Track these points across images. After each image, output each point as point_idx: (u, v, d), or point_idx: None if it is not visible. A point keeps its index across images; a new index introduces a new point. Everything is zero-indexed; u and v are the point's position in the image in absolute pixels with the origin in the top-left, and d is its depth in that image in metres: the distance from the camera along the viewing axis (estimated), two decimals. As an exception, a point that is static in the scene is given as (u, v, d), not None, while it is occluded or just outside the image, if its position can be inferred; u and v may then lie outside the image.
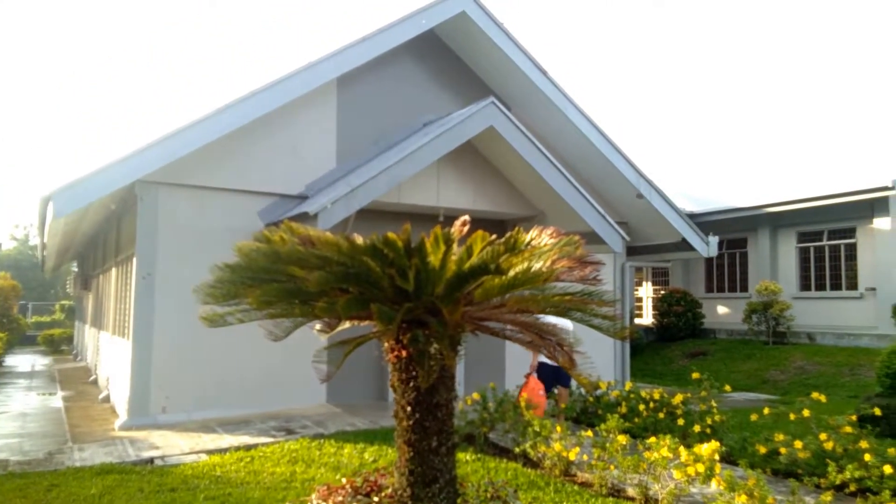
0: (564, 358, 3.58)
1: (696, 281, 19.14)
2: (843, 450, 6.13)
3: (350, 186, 8.43)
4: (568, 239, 3.82)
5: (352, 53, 9.81)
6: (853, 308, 15.26)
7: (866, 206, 14.85)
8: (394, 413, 3.87)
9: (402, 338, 3.67)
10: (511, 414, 7.50)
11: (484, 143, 9.90)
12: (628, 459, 5.77)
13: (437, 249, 3.34)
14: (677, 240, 12.58)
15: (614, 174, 11.97)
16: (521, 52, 11.07)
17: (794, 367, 14.11)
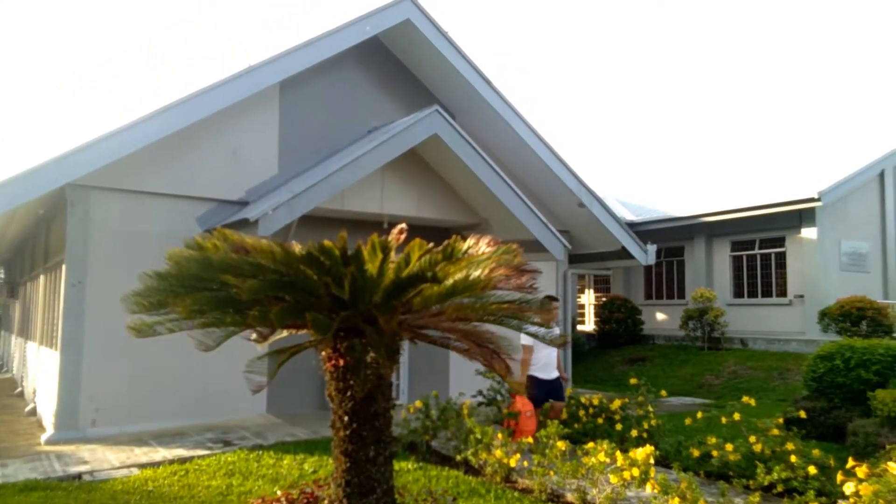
0: (500, 366, 3.60)
1: (636, 288, 19.61)
2: (772, 452, 6.35)
3: (292, 193, 8.31)
4: (506, 247, 3.86)
5: (294, 58, 9.70)
6: (783, 314, 15.90)
7: (795, 217, 15.52)
8: (331, 423, 3.82)
9: (340, 346, 3.63)
10: (454, 421, 7.51)
11: (428, 150, 9.92)
12: (567, 465, 5.85)
13: (374, 257, 3.32)
14: (617, 248, 12.87)
15: (557, 183, 12.18)
16: (466, 62, 11.17)
17: (727, 372, 14.57)
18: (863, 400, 8.11)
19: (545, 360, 7.91)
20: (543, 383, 7.87)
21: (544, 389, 7.87)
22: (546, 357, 7.90)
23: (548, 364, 7.95)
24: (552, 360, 8.02)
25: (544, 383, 7.89)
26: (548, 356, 7.92)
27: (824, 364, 9.00)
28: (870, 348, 8.77)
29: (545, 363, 7.92)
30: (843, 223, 15.85)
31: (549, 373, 7.96)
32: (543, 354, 7.84)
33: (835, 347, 9.06)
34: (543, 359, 7.87)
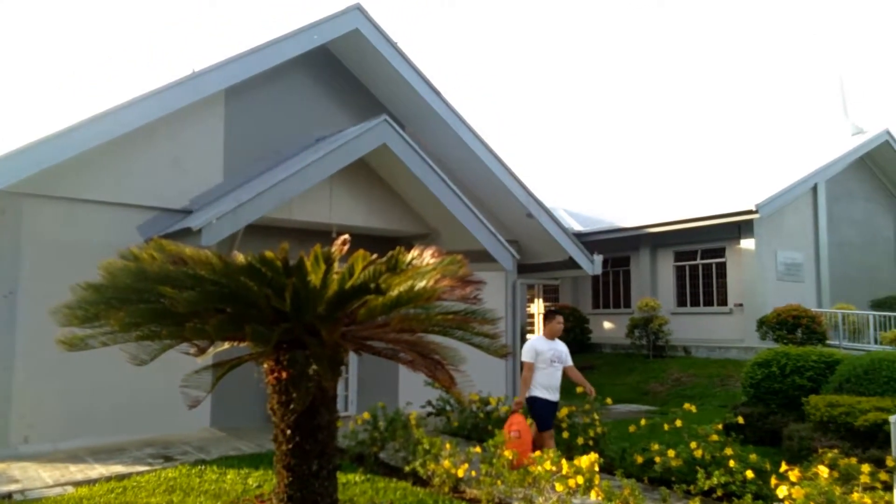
0: (444, 377, 3.60)
1: (584, 298, 19.93)
2: (712, 457, 6.51)
3: (237, 202, 8.16)
4: (451, 258, 3.88)
5: (239, 65, 9.56)
6: (723, 322, 16.40)
7: (734, 228, 16.05)
8: (273, 437, 3.74)
9: (282, 359, 3.58)
10: (402, 432, 7.47)
11: (377, 160, 9.90)
12: (514, 474, 5.88)
13: (317, 269, 3.29)
14: (565, 258, 13.06)
15: (505, 194, 12.29)
16: (415, 72, 11.20)
17: (671, 379, 14.91)
18: (797, 405, 8.40)
19: (547, 379, 7.23)
20: (547, 405, 7.21)
21: (549, 411, 7.23)
22: (548, 377, 7.24)
23: (551, 385, 7.24)
24: (556, 381, 7.32)
25: (548, 405, 7.22)
26: (550, 376, 7.24)
27: (761, 371, 9.30)
28: (803, 355, 9.11)
29: (548, 384, 7.23)
30: (779, 234, 16.47)
31: (553, 394, 7.28)
32: (546, 374, 7.21)
33: (771, 354, 9.38)
34: (546, 378, 7.22)
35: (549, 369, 7.23)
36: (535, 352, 7.24)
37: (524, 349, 7.34)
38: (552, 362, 7.26)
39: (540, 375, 7.19)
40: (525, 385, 7.20)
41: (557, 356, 7.33)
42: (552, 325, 7.52)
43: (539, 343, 7.37)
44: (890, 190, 19.66)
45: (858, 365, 8.32)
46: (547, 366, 7.22)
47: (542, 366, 7.20)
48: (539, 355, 7.22)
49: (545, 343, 7.36)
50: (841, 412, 7.19)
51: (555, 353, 7.31)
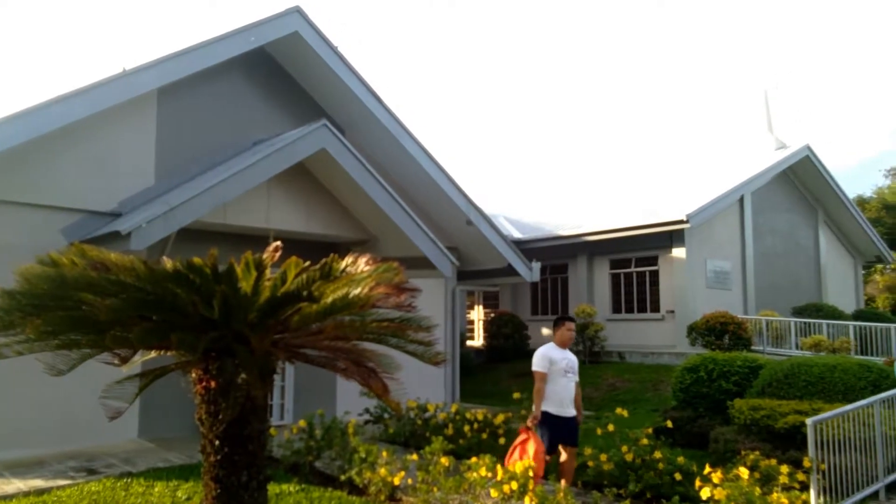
0: (377, 385, 3.59)
1: (523, 304, 20.18)
2: (642, 460, 6.69)
3: (169, 205, 7.93)
4: (386, 266, 3.86)
5: (174, 65, 9.30)
6: (656, 329, 16.88)
7: (666, 238, 16.56)
8: (200, 448, 3.64)
9: (211, 367, 3.49)
10: (338, 441, 7.39)
11: (317, 165, 9.79)
12: (450, 481, 5.90)
13: (248, 275, 3.22)
14: (504, 265, 13.21)
15: (446, 201, 12.36)
16: (356, 77, 11.15)
17: (606, 385, 15.23)
18: (724, 409, 8.70)
19: (560, 393, 6.49)
20: (558, 422, 6.39)
21: (559, 430, 6.40)
22: (562, 390, 6.50)
23: (563, 399, 6.50)
24: (569, 394, 6.56)
25: (559, 422, 6.40)
26: (564, 388, 6.51)
27: (690, 376, 9.62)
28: (729, 360, 9.47)
29: (561, 397, 6.49)
30: (708, 244, 17.09)
31: (566, 409, 6.51)
32: (559, 386, 6.49)
33: (699, 360, 9.71)
34: (559, 392, 6.48)
35: (562, 381, 6.50)
36: (549, 361, 6.54)
37: (536, 358, 6.61)
38: (566, 373, 6.55)
39: (552, 388, 6.46)
40: (539, 398, 6.43)
41: (571, 367, 6.66)
42: (562, 332, 6.74)
43: (553, 351, 6.63)
44: (810, 202, 20.69)
45: (779, 370, 8.70)
46: (560, 377, 6.50)
47: (554, 377, 6.48)
48: (553, 365, 6.51)
49: (558, 352, 6.65)
50: (763, 415, 7.50)
51: (568, 363, 6.64)
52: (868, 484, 6.64)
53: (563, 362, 6.56)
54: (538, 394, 6.45)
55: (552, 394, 6.44)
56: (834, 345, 14.28)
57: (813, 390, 8.23)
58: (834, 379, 8.20)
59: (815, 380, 8.31)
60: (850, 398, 7.59)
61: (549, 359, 6.54)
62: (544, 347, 6.68)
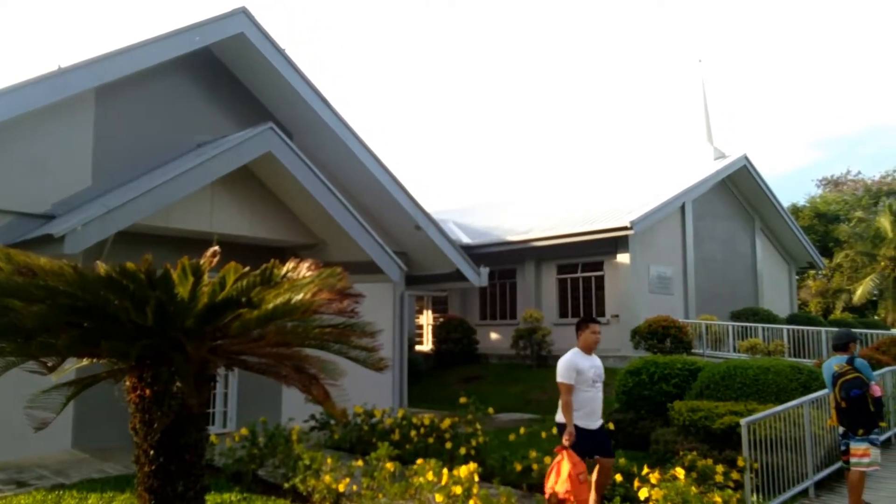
0: (319, 392, 3.55)
1: (472, 309, 20.28)
2: (584, 462, 6.80)
3: (106, 207, 7.68)
4: (330, 271, 3.83)
5: (112, 64, 9.01)
6: (602, 333, 17.15)
7: (611, 244, 16.91)
8: (134, 458, 3.54)
9: (145, 375, 3.39)
10: (282, 448, 7.28)
11: (263, 168, 9.65)
12: (396, 486, 5.89)
13: (185, 281, 3.15)
14: (453, 270, 13.25)
15: (394, 206, 12.33)
16: (304, 81, 11.04)
17: (553, 388, 15.34)
18: (665, 410, 8.94)
19: (589, 404, 5.87)
20: (586, 435, 5.74)
21: (587, 443, 5.73)
22: (590, 401, 5.87)
23: (592, 410, 5.89)
24: (597, 405, 5.98)
25: (587, 435, 5.76)
26: (592, 399, 5.89)
27: (633, 378, 9.84)
28: (670, 363, 9.72)
29: (589, 409, 5.86)
30: (651, 250, 17.53)
31: (593, 421, 5.90)
32: (587, 397, 5.85)
33: (641, 363, 9.95)
34: (587, 403, 5.85)
35: (590, 391, 5.85)
36: (576, 370, 5.81)
37: (561, 368, 5.88)
38: (594, 382, 5.90)
39: (579, 399, 5.78)
40: (568, 411, 5.70)
41: (599, 375, 6.02)
42: (586, 336, 6.06)
43: (579, 359, 5.92)
44: (748, 210, 21.44)
45: (717, 372, 8.99)
46: (588, 387, 5.83)
47: (582, 387, 5.79)
48: (580, 374, 5.81)
49: (585, 359, 5.96)
50: (701, 416, 7.73)
51: (596, 371, 5.99)
52: (799, 481, 6.92)
53: (591, 371, 5.89)
54: (567, 407, 5.70)
55: (579, 405, 5.76)
56: (769, 347, 14.83)
57: (748, 392, 8.53)
58: (767, 381, 8.52)
59: (750, 382, 8.62)
60: (783, 399, 7.89)
61: (576, 368, 5.81)
62: (570, 355, 5.95)
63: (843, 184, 43.61)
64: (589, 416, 5.81)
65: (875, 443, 6.31)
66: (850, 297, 34.03)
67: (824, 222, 39.14)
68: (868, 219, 35.69)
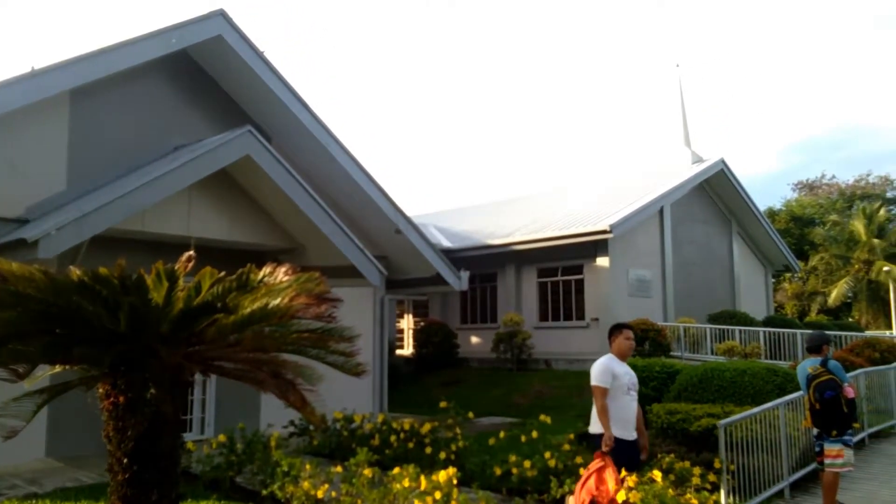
0: (295, 398, 3.53)
1: (453, 313, 20.28)
2: (564, 465, 6.83)
3: (81, 211, 7.57)
4: (308, 276, 3.81)
5: (88, 65, 8.89)
6: (581, 336, 17.27)
7: (591, 247, 17.02)
8: (108, 466, 3.48)
9: (119, 382, 3.34)
10: (260, 455, 7.22)
11: (241, 172, 9.57)
12: (375, 492, 5.85)
13: (159, 286, 3.11)
14: (433, 274, 13.24)
15: (374, 210, 12.30)
16: (282, 83, 10.98)
17: (534, 392, 15.46)
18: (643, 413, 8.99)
19: (625, 412, 5.46)
20: (623, 446, 5.33)
21: (623, 454, 5.30)
22: (625, 409, 5.48)
23: (627, 419, 5.47)
24: (632, 415, 5.55)
25: (625, 447, 5.35)
26: (627, 408, 5.49)
27: (612, 382, 9.88)
28: (649, 366, 9.80)
29: (625, 418, 5.46)
30: (630, 253, 17.67)
31: (629, 431, 5.47)
32: (622, 405, 5.46)
33: (620, 366, 9.99)
34: (622, 411, 5.45)
35: (624, 399, 5.48)
36: (612, 375, 5.48)
37: (596, 371, 5.55)
38: (629, 390, 5.57)
39: (615, 406, 5.40)
40: (605, 416, 5.32)
41: (634, 383, 5.68)
42: (620, 342, 5.72)
43: (615, 364, 5.59)
44: (725, 214, 21.70)
45: (694, 375, 9.07)
46: (623, 394, 5.48)
47: (617, 394, 5.45)
48: (615, 380, 5.48)
49: (620, 365, 5.63)
50: (679, 419, 7.80)
51: (631, 378, 5.65)
52: (774, 483, 6.99)
53: (625, 377, 5.56)
54: (604, 412, 5.33)
55: (614, 414, 5.38)
56: (745, 350, 15.00)
57: (725, 394, 8.62)
58: (744, 383, 8.61)
59: (727, 384, 8.71)
60: (759, 401, 7.98)
61: (612, 373, 5.46)
62: (605, 359, 5.62)
63: (818, 187, 44.36)
64: (625, 426, 5.41)
65: (849, 444, 6.40)
66: (826, 299, 34.64)
67: (800, 225, 39.76)
68: (842, 222, 36.37)
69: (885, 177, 41.60)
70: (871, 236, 33.50)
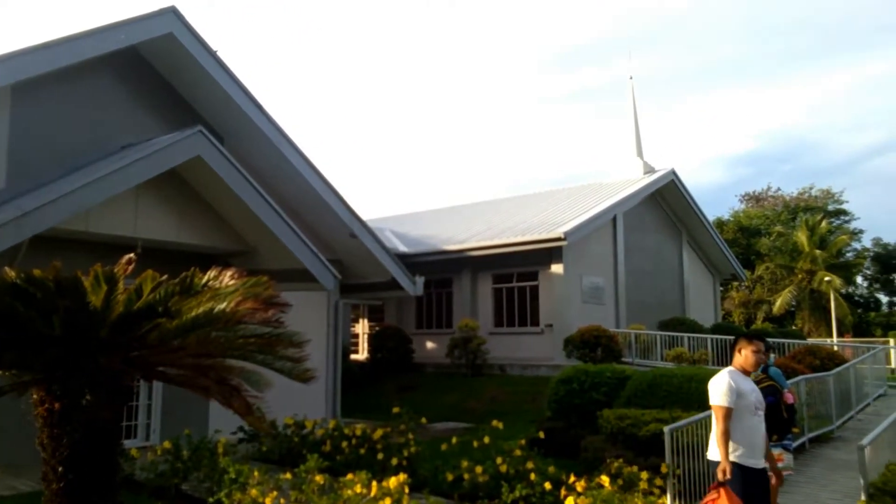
0: (240, 404, 3.45)
1: (408, 318, 20.22)
2: (515, 471, 6.86)
3: (21, 210, 7.29)
4: (255, 280, 3.75)
5: (30, 59, 8.56)
6: (535, 342, 17.43)
7: (546, 254, 17.20)
8: (42, 475, 3.34)
9: (55, 388, 3.21)
10: (207, 461, 7.05)
11: (191, 172, 9.36)
12: (325, 499, 5.77)
13: (98, 289, 3.01)
14: (388, 279, 13.16)
15: (329, 213, 12.16)
16: (236, 84, 10.78)
17: (488, 397, 15.51)
18: (594, 418, 9.11)
19: (751, 435, 4.64)
20: (749, 476, 4.53)
21: (749, 485, 4.49)
22: (752, 432, 4.65)
23: (755, 444, 4.65)
24: (760, 439, 4.72)
25: (750, 476, 4.54)
26: (754, 430, 4.67)
27: (564, 387, 9.99)
28: (600, 372, 9.93)
29: (752, 442, 4.64)
30: (584, 260, 17.92)
31: (757, 458, 4.65)
32: (749, 427, 4.64)
33: (572, 372, 10.12)
34: (749, 434, 4.63)
35: (751, 420, 4.66)
36: (737, 392, 4.65)
37: (716, 388, 4.71)
38: (756, 410, 4.73)
39: (740, 429, 4.60)
40: (725, 442, 4.53)
41: (760, 400, 4.84)
42: (746, 355, 4.86)
43: (740, 380, 4.76)
44: (675, 223, 22.21)
45: (644, 381, 9.23)
46: (749, 415, 4.66)
47: (744, 414, 4.64)
48: (741, 399, 4.66)
49: (745, 380, 4.81)
50: (628, 424, 7.92)
51: (758, 396, 4.84)
52: (718, 486, 7.14)
53: (752, 395, 4.75)
54: (724, 437, 4.55)
55: (739, 438, 4.59)
56: (694, 356, 15.35)
57: (673, 399, 8.79)
58: (691, 389, 8.79)
59: (675, 390, 8.88)
60: (706, 406, 8.08)
61: (737, 390, 4.65)
62: (725, 374, 4.78)
63: (764, 199, 45.82)
64: (753, 451, 4.60)
65: (788, 448, 6.60)
66: (771, 307, 35.75)
67: (747, 236, 40.98)
68: (787, 233, 37.65)
69: (826, 190, 43.29)
70: (813, 247, 34.73)
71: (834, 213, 41.44)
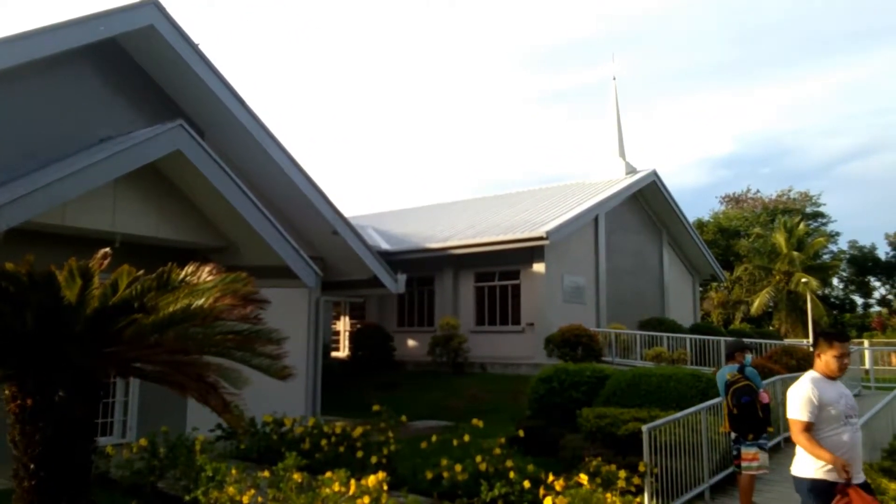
0: (217, 402, 3.42)
1: (390, 316, 20.18)
2: (495, 469, 6.86)
3: (-5, 203, 7.16)
4: (234, 276, 3.71)
5: (6, 49, 8.39)
6: (516, 340, 17.48)
7: (528, 253, 17.25)
8: (13, 472, 3.28)
9: (28, 384, 3.16)
10: (184, 459, 6.98)
11: (171, 166, 9.24)
12: (303, 497, 5.73)
13: (72, 284, 2.96)
14: (370, 276, 13.12)
15: (311, 210, 12.09)
16: (217, 78, 10.67)
17: (469, 395, 15.52)
18: (574, 417, 9.15)
19: (843, 448, 4.08)
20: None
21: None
22: (842, 445, 4.09)
23: (849, 459, 4.02)
24: (855, 452, 4.16)
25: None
26: (844, 444, 4.10)
27: (544, 386, 10.03)
28: (580, 371, 9.98)
29: (847, 454, 4.06)
30: (565, 260, 18.00)
31: (856, 472, 4.06)
32: (839, 439, 4.12)
33: (552, 370, 10.16)
34: (839, 447, 4.08)
35: (842, 431, 4.11)
36: (818, 403, 4.12)
37: (794, 400, 4.20)
38: (847, 418, 4.16)
39: (826, 444, 4.06)
40: (817, 448, 4.04)
41: (852, 406, 4.26)
42: (828, 357, 4.28)
43: (823, 387, 4.20)
44: (656, 224, 22.38)
45: (623, 380, 9.29)
46: (838, 425, 4.11)
47: (831, 426, 4.11)
48: (824, 409, 4.11)
49: (830, 387, 4.23)
50: (607, 423, 7.96)
51: (847, 401, 4.25)
52: (696, 485, 7.22)
53: (840, 402, 4.17)
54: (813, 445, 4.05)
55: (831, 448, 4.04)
56: (673, 356, 15.49)
57: (652, 398, 8.86)
58: (669, 388, 8.87)
59: (654, 389, 8.95)
60: (683, 406, 8.23)
61: (817, 402, 4.11)
62: (806, 381, 4.25)
63: (743, 201, 46.32)
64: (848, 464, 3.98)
65: (764, 447, 6.67)
66: (749, 308, 36.16)
67: (726, 237, 41.41)
68: (765, 234, 38.08)
69: (804, 193, 43.88)
70: (791, 249, 35.16)
71: (812, 216, 42.02)
